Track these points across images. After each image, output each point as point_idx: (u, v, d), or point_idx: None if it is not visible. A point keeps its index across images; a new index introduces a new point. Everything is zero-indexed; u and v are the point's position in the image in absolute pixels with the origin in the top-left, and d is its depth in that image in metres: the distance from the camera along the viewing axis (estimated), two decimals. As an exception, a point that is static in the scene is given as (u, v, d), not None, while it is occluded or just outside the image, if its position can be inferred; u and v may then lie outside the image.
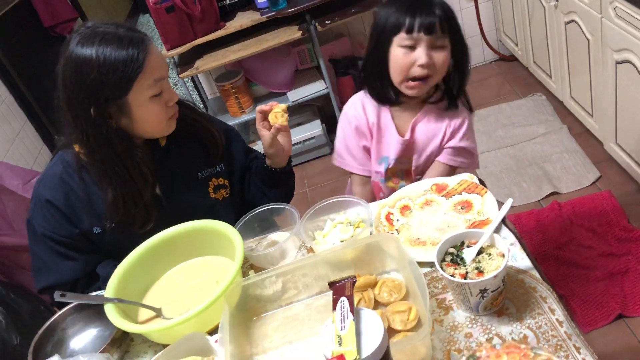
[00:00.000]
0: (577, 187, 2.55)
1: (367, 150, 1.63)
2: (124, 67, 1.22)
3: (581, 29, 2.39)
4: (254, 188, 1.61)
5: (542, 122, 3.00)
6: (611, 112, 2.34)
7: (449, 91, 1.53)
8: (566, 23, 2.52)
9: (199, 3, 2.70)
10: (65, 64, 1.23)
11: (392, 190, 1.52)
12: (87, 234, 1.41)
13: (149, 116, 1.31)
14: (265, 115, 1.46)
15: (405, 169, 1.62)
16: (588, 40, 2.36)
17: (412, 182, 1.55)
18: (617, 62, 2.16)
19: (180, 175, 1.48)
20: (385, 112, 1.57)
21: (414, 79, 1.43)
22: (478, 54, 3.62)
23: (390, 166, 1.60)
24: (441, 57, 1.42)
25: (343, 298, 0.83)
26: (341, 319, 0.81)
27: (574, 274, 2.18)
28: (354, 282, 0.86)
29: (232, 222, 1.32)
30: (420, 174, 1.61)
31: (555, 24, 2.64)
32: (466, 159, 1.58)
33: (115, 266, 1.28)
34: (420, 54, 1.40)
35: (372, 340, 0.79)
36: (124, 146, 1.31)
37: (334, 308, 0.83)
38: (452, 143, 1.55)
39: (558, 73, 2.83)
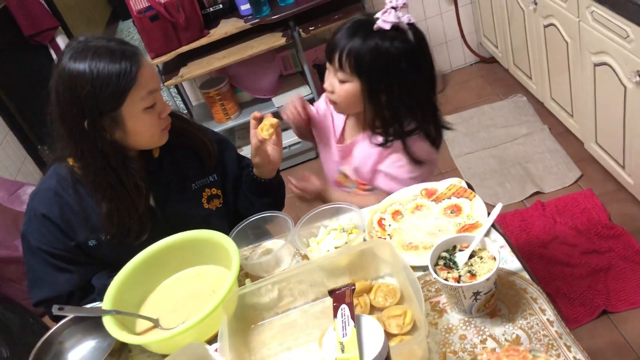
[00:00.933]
0: (559, 187, 2.61)
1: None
2: (117, 80, 1.23)
3: (560, 32, 2.44)
4: (242, 196, 1.62)
5: (523, 122, 3.06)
6: (591, 113, 2.40)
7: (386, 131, 1.49)
8: (545, 26, 2.58)
9: (182, 11, 2.71)
10: (58, 79, 1.25)
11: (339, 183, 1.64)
12: (83, 247, 1.41)
13: (142, 128, 1.33)
14: (258, 123, 1.48)
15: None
16: (567, 43, 2.41)
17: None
18: (595, 64, 2.22)
19: (174, 186, 1.49)
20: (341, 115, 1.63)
21: None
22: (459, 56, 3.68)
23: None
24: (342, 89, 1.45)
25: (343, 305, 0.85)
26: (342, 326, 0.83)
27: (558, 272, 2.23)
28: (353, 290, 0.89)
29: (226, 232, 1.33)
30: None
31: (535, 27, 2.70)
32: (390, 186, 1.53)
33: (110, 277, 1.29)
34: (325, 79, 1.48)
35: (374, 346, 0.81)
36: (118, 159, 1.32)
37: (335, 315, 0.85)
38: (383, 167, 1.54)
39: (538, 75, 2.89)
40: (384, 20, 1.35)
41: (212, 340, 1.19)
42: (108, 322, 1.17)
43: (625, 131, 2.17)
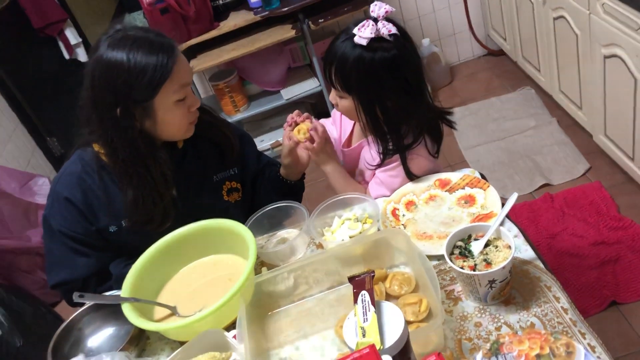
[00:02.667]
0: (568, 179, 2.62)
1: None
2: (153, 71, 1.26)
3: (569, 24, 2.44)
4: (264, 193, 1.64)
5: (531, 115, 3.06)
6: (600, 105, 2.40)
7: (385, 145, 1.46)
8: (554, 19, 2.58)
9: (193, 4, 2.72)
10: (94, 66, 1.27)
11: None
12: (103, 232, 1.44)
13: (172, 119, 1.35)
14: (295, 124, 1.50)
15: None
16: (577, 35, 2.41)
17: None
18: (605, 57, 2.22)
19: (196, 177, 1.51)
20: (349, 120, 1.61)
21: None
22: (467, 49, 3.67)
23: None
24: (341, 105, 1.45)
25: (364, 292, 0.87)
26: (363, 312, 0.84)
27: (567, 263, 2.24)
28: (373, 277, 0.90)
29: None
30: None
31: (544, 19, 2.70)
32: (380, 191, 1.52)
33: (128, 265, 1.32)
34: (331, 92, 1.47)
35: (394, 331, 0.83)
36: (147, 147, 1.34)
37: (355, 301, 0.87)
38: (378, 172, 1.52)
39: (547, 67, 2.89)
40: (360, 36, 1.31)
41: (230, 327, 1.21)
42: (127, 309, 1.19)
43: (635, 123, 2.18)
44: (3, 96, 3.12)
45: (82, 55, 3.33)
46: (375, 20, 1.32)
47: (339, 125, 1.67)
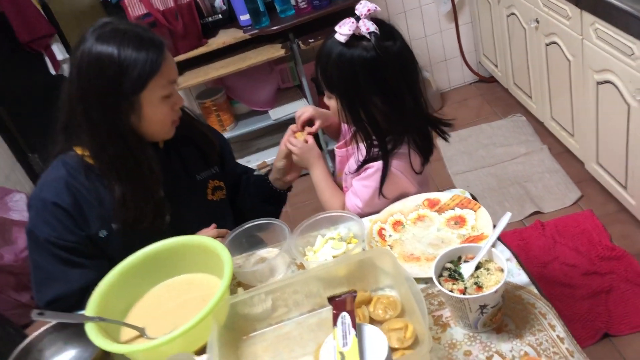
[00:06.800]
0: (559, 207, 2.57)
1: None
2: (143, 64, 1.26)
3: (562, 50, 2.42)
4: (247, 197, 1.66)
5: (522, 142, 3.03)
6: (592, 132, 2.37)
7: (369, 150, 1.41)
8: (547, 44, 2.56)
9: (181, 19, 2.68)
10: (82, 58, 1.26)
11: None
12: (93, 238, 1.38)
13: (157, 116, 1.34)
14: (294, 133, 1.53)
15: None
16: (569, 61, 2.39)
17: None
18: (598, 83, 2.19)
19: (180, 177, 1.51)
20: None
21: None
22: (458, 75, 3.66)
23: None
24: (330, 105, 1.41)
25: (344, 313, 0.79)
26: (343, 335, 0.77)
27: (559, 293, 2.17)
28: (355, 297, 0.83)
29: (231, 222, 1.35)
30: None
31: (536, 45, 2.68)
32: (354, 203, 1.46)
33: None
34: None
35: (376, 357, 0.75)
36: (136, 142, 1.32)
37: (335, 324, 0.79)
38: (355, 180, 1.46)
39: (538, 94, 2.86)
40: (340, 33, 1.29)
41: (201, 351, 1.12)
42: (91, 329, 1.10)
43: (628, 151, 2.14)
44: (-16, 110, 3.05)
45: (68, 71, 3.27)
46: (358, 18, 1.29)
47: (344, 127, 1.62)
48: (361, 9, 1.29)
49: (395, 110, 1.35)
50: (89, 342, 1.10)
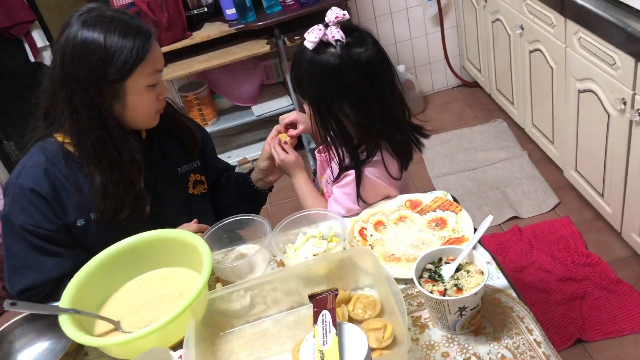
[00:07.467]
0: (537, 213, 2.59)
1: None
2: (130, 51, 1.24)
3: (545, 57, 2.44)
4: (226, 195, 1.65)
5: (503, 147, 3.05)
6: (572, 140, 2.40)
7: (340, 160, 1.39)
8: (531, 51, 2.58)
9: (166, 11, 2.65)
10: (66, 43, 1.24)
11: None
12: (70, 227, 1.35)
13: (141, 105, 1.32)
14: (278, 133, 1.54)
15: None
16: (552, 68, 2.41)
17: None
18: (580, 91, 2.22)
19: (162, 169, 1.49)
20: None
21: None
22: (441, 79, 3.68)
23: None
24: (306, 110, 1.40)
25: (325, 311, 0.78)
26: (323, 333, 0.76)
27: (534, 297, 2.19)
28: (336, 295, 0.82)
29: (211, 218, 1.34)
30: None
31: (520, 52, 2.71)
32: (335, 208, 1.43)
33: None
34: None
35: (356, 356, 0.75)
36: (118, 130, 1.30)
37: (315, 322, 0.78)
38: (335, 187, 1.44)
39: (520, 100, 2.89)
40: (308, 40, 1.28)
41: (177, 346, 1.11)
42: (64, 321, 1.08)
43: (606, 159, 2.16)
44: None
45: (48, 59, 3.22)
46: (327, 25, 1.28)
47: None
48: (330, 15, 1.27)
49: (364, 118, 1.32)
50: (62, 334, 1.08)
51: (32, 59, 3.18)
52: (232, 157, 3.20)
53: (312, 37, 1.27)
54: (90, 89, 1.25)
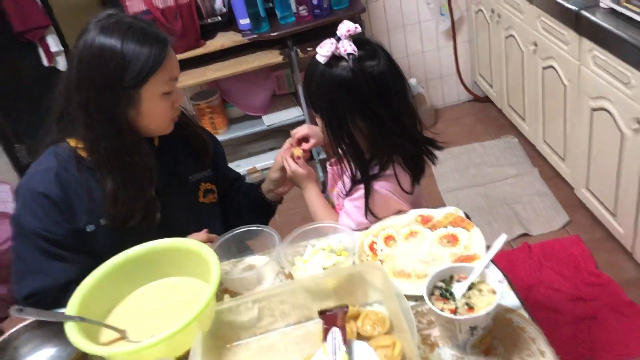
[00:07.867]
0: (547, 230, 2.57)
1: None
2: (147, 58, 1.24)
3: (559, 74, 2.43)
4: (236, 205, 1.64)
5: (513, 163, 3.04)
6: (584, 158, 2.38)
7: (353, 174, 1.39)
8: (544, 68, 2.57)
9: (180, 19, 2.66)
10: (84, 49, 1.25)
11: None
12: (80, 232, 1.35)
13: (156, 112, 1.32)
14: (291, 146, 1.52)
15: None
16: (565, 86, 2.40)
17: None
18: (593, 109, 2.20)
19: (174, 177, 1.48)
20: None
21: None
22: (452, 93, 3.67)
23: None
24: (318, 122, 1.40)
25: (335, 328, 0.77)
26: (333, 351, 0.75)
27: (543, 317, 2.17)
28: (346, 312, 0.81)
29: (220, 227, 1.33)
30: None
31: (533, 68, 2.69)
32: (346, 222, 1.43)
33: None
34: None
35: (366, 375, 0.74)
36: (132, 136, 1.30)
37: (325, 339, 0.77)
38: (346, 200, 1.44)
39: (532, 117, 2.88)
40: (320, 54, 1.28)
41: (183, 358, 1.09)
42: (70, 329, 1.07)
43: (619, 179, 2.14)
44: (-28, 100, 3.01)
45: (61, 64, 3.24)
46: (339, 39, 1.28)
47: None
48: (342, 29, 1.27)
49: (377, 131, 1.32)
50: (67, 342, 1.07)
51: (45, 64, 3.20)
52: (241, 166, 3.20)
53: (324, 51, 1.27)
54: (106, 94, 1.25)
